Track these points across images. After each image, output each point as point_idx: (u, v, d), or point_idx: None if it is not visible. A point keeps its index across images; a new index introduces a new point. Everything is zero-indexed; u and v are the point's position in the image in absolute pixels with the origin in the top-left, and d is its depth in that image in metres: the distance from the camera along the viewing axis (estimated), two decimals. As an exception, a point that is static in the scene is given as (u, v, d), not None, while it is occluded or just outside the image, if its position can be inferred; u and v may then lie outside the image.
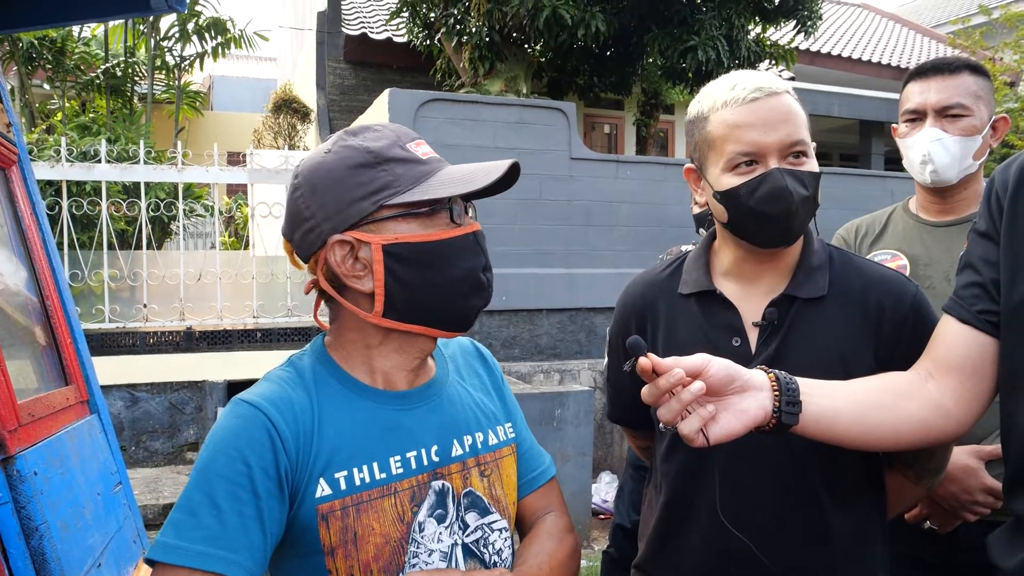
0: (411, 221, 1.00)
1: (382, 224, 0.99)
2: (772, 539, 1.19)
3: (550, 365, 5.56)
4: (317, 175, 1.00)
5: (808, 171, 1.19)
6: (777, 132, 1.17)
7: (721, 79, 1.25)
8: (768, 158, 1.18)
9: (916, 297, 1.24)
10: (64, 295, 1.51)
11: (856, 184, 7.35)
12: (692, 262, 1.35)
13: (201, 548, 0.89)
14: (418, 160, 1.02)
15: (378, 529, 0.99)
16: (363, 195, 0.98)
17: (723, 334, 1.26)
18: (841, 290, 1.24)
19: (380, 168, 0.99)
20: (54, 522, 1.14)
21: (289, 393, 1.00)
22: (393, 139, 1.02)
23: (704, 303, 1.29)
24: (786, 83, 1.22)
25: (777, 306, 1.23)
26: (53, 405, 1.32)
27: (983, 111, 1.72)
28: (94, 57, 9.08)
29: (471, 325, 1.08)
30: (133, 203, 5.32)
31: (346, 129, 1.05)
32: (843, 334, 1.22)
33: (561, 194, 6.16)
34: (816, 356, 1.21)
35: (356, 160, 0.99)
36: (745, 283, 1.28)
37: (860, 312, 1.23)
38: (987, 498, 1.55)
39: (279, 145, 10.08)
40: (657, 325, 1.33)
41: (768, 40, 8.22)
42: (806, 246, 1.28)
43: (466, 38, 7.25)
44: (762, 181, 1.18)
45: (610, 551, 3.06)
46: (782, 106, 1.18)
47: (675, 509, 1.29)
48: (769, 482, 1.21)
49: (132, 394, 4.93)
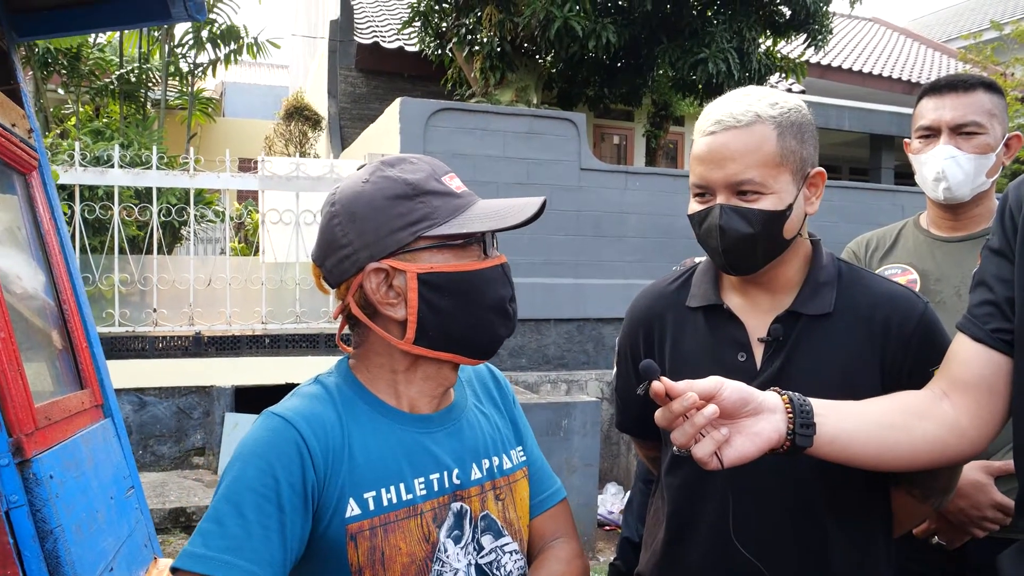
0: (445, 252, 1.03)
1: (417, 254, 1.02)
2: (773, 558, 1.19)
3: (557, 375, 5.56)
4: (356, 204, 1.03)
5: (756, 209, 1.17)
6: (722, 170, 1.17)
7: (718, 99, 1.25)
8: (717, 193, 1.20)
9: (924, 315, 1.23)
10: (81, 299, 1.52)
11: (866, 198, 7.34)
12: (701, 275, 1.36)
13: (226, 557, 0.91)
14: (453, 194, 1.05)
15: (405, 549, 1.01)
16: (402, 225, 1.01)
17: (729, 349, 1.26)
18: (848, 306, 1.24)
19: (418, 200, 1.02)
20: (68, 525, 1.15)
21: (320, 410, 1.03)
22: (429, 172, 1.05)
23: (711, 317, 1.29)
24: (771, 109, 1.18)
25: (783, 322, 1.24)
26: (69, 409, 1.33)
27: (997, 129, 1.72)
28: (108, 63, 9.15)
29: (495, 352, 1.11)
30: (145, 208, 5.35)
31: (382, 159, 1.08)
32: (848, 351, 1.21)
33: (570, 204, 6.17)
34: (821, 373, 1.21)
35: (395, 191, 1.02)
36: (751, 298, 1.28)
37: (866, 329, 1.22)
38: (996, 514, 1.54)
39: (290, 152, 10.14)
40: (664, 337, 1.34)
41: (779, 53, 8.23)
42: (814, 262, 1.28)
43: (477, 48, 7.29)
44: (706, 215, 1.21)
45: (617, 564, 3.05)
46: (733, 142, 1.16)
47: (679, 521, 1.29)
48: (771, 502, 1.20)
49: (140, 398, 4.96)
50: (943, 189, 1.74)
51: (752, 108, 1.17)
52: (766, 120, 1.17)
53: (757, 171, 1.16)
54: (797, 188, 1.20)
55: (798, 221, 1.22)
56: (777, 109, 1.18)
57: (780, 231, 1.19)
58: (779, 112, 1.18)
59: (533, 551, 1.19)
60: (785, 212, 1.18)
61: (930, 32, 18.49)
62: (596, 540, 4.45)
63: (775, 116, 1.17)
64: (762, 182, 1.16)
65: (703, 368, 1.26)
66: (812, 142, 1.23)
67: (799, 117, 1.20)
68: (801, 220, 1.23)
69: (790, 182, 1.18)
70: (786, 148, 1.17)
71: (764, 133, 1.16)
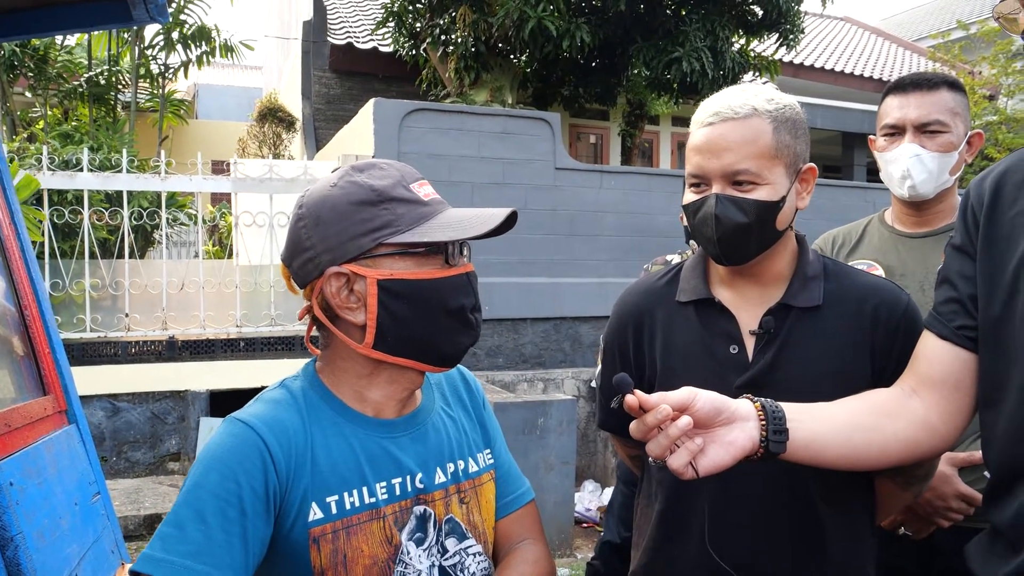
0: (407, 259, 1.03)
1: (379, 260, 1.02)
2: (768, 548, 1.21)
3: (534, 374, 5.57)
4: (321, 208, 1.03)
5: (751, 199, 1.20)
6: (719, 160, 1.20)
7: (716, 94, 1.28)
8: (713, 183, 1.22)
9: (908, 305, 1.27)
10: (43, 305, 1.50)
11: (838, 195, 7.44)
12: (689, 270, 1.37)
13: (186, 562, 0.91)
14: (420, 201, 1.05)
15: (367, 551, 1.02)
16: (364, 231, 1.01)
17: (721, 342, 1.27)
18: (836, 299, 1.27)
19: (382, 207, 1.02)
20: (30, 532, 1.13)
21: (283, 415, 1.03)
22: (397, 179, 1.05)
23: (702, 311, 1.31)
24: (768, 104, 1.22)
25: (774, 315, 1.25)
26: (31, 415, 1.31)
27: (960, 127, 1.75)
28: (77, 65, 9.02)
29: (459, 361, 1.12)
30: (116, 212, 5.29)
31: (353, 165, 1.08)
32: (839, 342, 1.24)
33: (546, 204, 6.18)
34: (813, 364, 1.23)
35: (360, 197, 1.02)
36: (741, 292, 1.30)
37: (855, 320, 1.25)
38: (961, 504, 1.57)
39: (264, 154, 10.05)
40: (655, 333, 1.35)
41: (752, 52, 8.31)
42: (801, 256, 1.31)
43: (452, 48, 7.29)
44: (702, 204, 1.23)
45: (595, 564, 3.06)
46: (731, 133, 1.20)
47: (670, 518, 1.30)
48: (763, 493, 1.22)
49: (114, 404, 4.89)
50: (908, 187, 1.77)
51: (749, 102, 1.21)
52: (763, 114, 1.20)
53: (753, 162, 1.19)
54: (790, 181, 1.23)
55: (790, 214, 1.25)
56: (773, 104, 1.22)
57: (773, 222, 1.22)
58: (775, 107, 1.22)
59: (500, 553, 1.20)
60: (779, 203, 1.21)
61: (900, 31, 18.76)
62: (573, 537, 4.46)
63: (771, 111, 1.21)
64: (757, 173, 1.19)
65: (695, 362, 1.28)
66: (805, 139, 1.27)
67: (793, 114, 1.24)
68: (793, 213, 1.26)
69: (784, 175, 1.22)
70: (781, 142, 1.21)
71: (760, 126, 1.20)
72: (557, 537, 4.27)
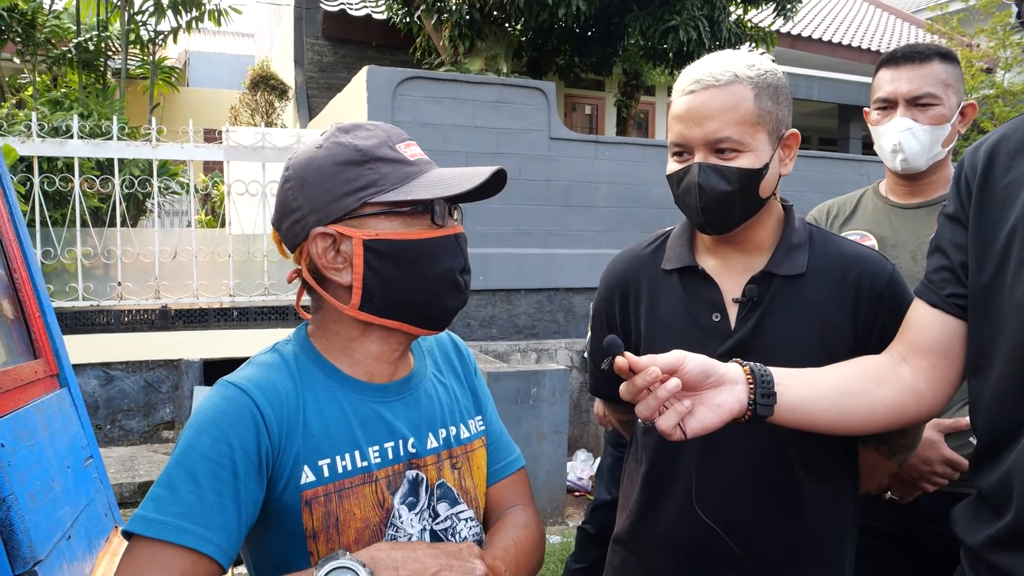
0: (393, 219, 1.03)
1: (365, 220, 1.02)
2: (746, 511, 1.23)
3: (527, 344, 5.59)
4: (307, 169, 1.03)
5: (734, 167, 1.20)
6: (701, 128, 1.20)
7: (697, 61, 1.27)
8: (695, 151, 1.22)
9: (893, 275, 1.27)
10: (33, 269, 1.49)
11: (833, 168, 7.42)
12: (676, 238, 1.38)
13: (179, 523, 0.91)
14: (405, 161, 1.05)
15: (359, 514, 1.03)
16: (348, 191, 1.01)
17: (704, 309, 1.28)
18: (820, 268, 1.27)
19: (367, 166, 1.02)
20: (22, 494, 1.14)
21: (275, 378, 1.03)
22: (383, 139, 1.05)
23: (686, 279, 1.32)
24: (749, 70, 1.21)
25: (757, 283, 1.26)
26: (21, 378, 1.31)
27: (952, 99, 1.75)
28: (66, 31, 8.87)
29: (447, 324, 1.12)
30: (107, 180, 5.24)
31: (339, 126, 1.07)
32: (822, 310, 1.24)
33: (540, 174, 6.15)
34: (795, 332, 1.24)
35: (344, 157, 1.02)
36: (726, 260, 1.31)
37: (839, 289, 1.25)
38: (946, 469, 1.59)
39: (256, 122, 9.96)
40: (640, 300, 1.35)
41: (749, 22, 8.23)
42: (787, 225, 1.31)
43: (446, 16, 7.18)
44: (684, 174, 1.23)
45: (586, 527, 3.11)
46: (712, 101, 1.19)
47: (654, 480, 1.32)
48: (745, 457, 1.23)
49: (107, 373, 4.90)
50: (900, 160, 1.78)
51: (730, 68, 1.20)
52: (744, 80, 1.20)
53: (735, 129, 1.19)
54: (773, 148, 1.23)
55: (773, 180, 1.25)
56: (754, 71, 1.21)
57: (756, 189, 1.22)
58: (756, 73, 1.21)
59: (490, 519, 1.21)
60: (761, 171, 1.21)
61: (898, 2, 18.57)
62: (566, 506, 4.51)
63: (752, 77, 1.20)
64: (740, 140, 1.19)
65: (678, 329, 1.28)
66: (787, 104, 1.26)
67: (775, 79, 1.23)
68: (776, 180, 1.26)
69: (766, 141, 1.22)
70: (763, 108, 1.20)
71: (742, 92, 1.19)
72: (549, 506, 4.31)
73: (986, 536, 1.03)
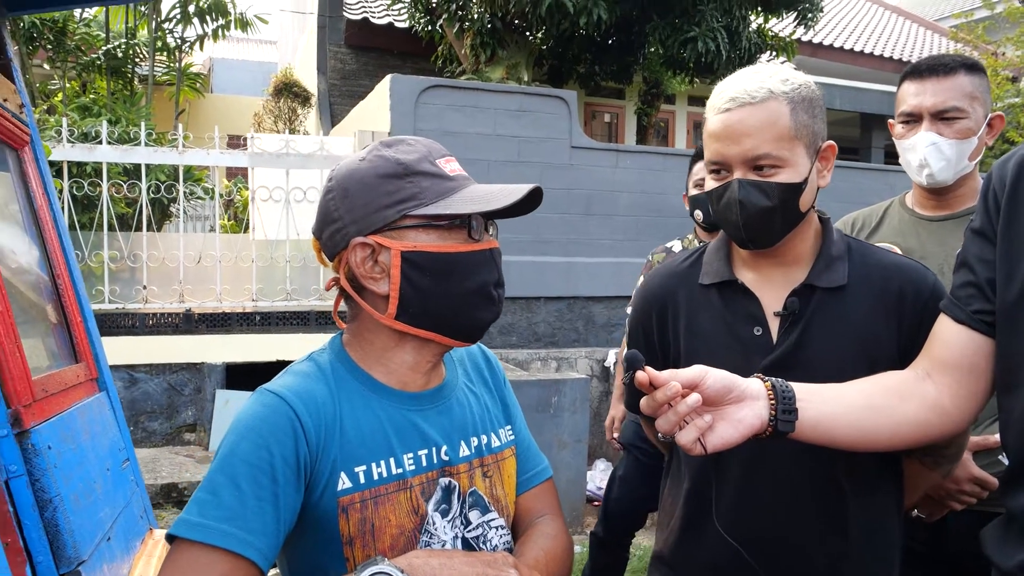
0: (431, 232, 1.05)
1: (403, 232, 1.04)
2: (789, 526, 1.22)
3: (547, 353, 5.59)
4: (350, 180, 1.07)
5: (774, 182, 1.20)
6: (739, 145, 1.20)
7: (729, 77, 1.27)
8: (734, 169, 1.22)
9: (935, 285, 1.26)
10: (75, 274, 1.53)
11: (856, 177, 7.37)
12: (712, 252, 1.37)
13: (222, 527, 0.93)
14: (445, 176, 1.07)
15: (394, 520, 1.05)
16: (389, 203, 1.04)
17: (744, 323, 1.27)
18: (861, 279, 1.26)
19: (408, 180, 1.05)
20: (67, 495, 1.17)
21: (312, 387, 1.05)
22: (424, 154, 1.08)
23: (725, 293, 1.31)
24: (784, 85, 1.21)
25: (798, 295, 1.25)
26: (65, 382, 1.34)
27: (978, 111, 1.73)
28: (95, 38, 9.02)
29: (480, 337, 1.14)
30: (134, 185, 5.32)
31: (383, 140, 1.11)
32: (865, 322, 1.24)
33: (561, 183, 6.17)
34: (838, 344, 1.23)
35: (386, 170, 1.05)
36: (764, 273, 1.30)
37: (881, 300, 1.24)
38: (974, 488, 1.57)
39: (279, 129, 10.06)
40: (678, 315, 1.35)
41: (769, 32, 8.21)
42: (825, 236, 1.30)
43: (468, 24, 7.23)
44: (724, 190, 1.23)
45: (596, 531, 3.11)
46: (749, 118, 1.19)
47: (698, 497, 1.30)
48: (788, 471, 1.22)
49: (131, 375, 4.96)
50: (926, 175, 1.76)
51: (765, 84, 1.20)
52: (779, 96, 1.20)
53: (773, 145, 1.19)
54: (811, 161, 1.23)
55: (812, 193, 1.25)
56: (789, 85, 1.21)
57: (797, 203, 1.22)
58: (791, 88, 1.21)
59: (519, 528, 1.22)
60: (801, 185, 1.21)
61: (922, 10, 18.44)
62: (585, 515, 4.51)
63: (787, 92, 1.20)
64: (778, 156, 1.19)
65: (719, 344, 1.28)
66: (822, 117, 1.26)
67: (810, 92, 1.23)
68: (815, 192, 1.26)
69: (804, 155, 1.22)
70: (799, 122, 1.20)
71: (778, 109, 1.19)
72: (569, 515, 4.31)
73: (1019, 559, 1.01)
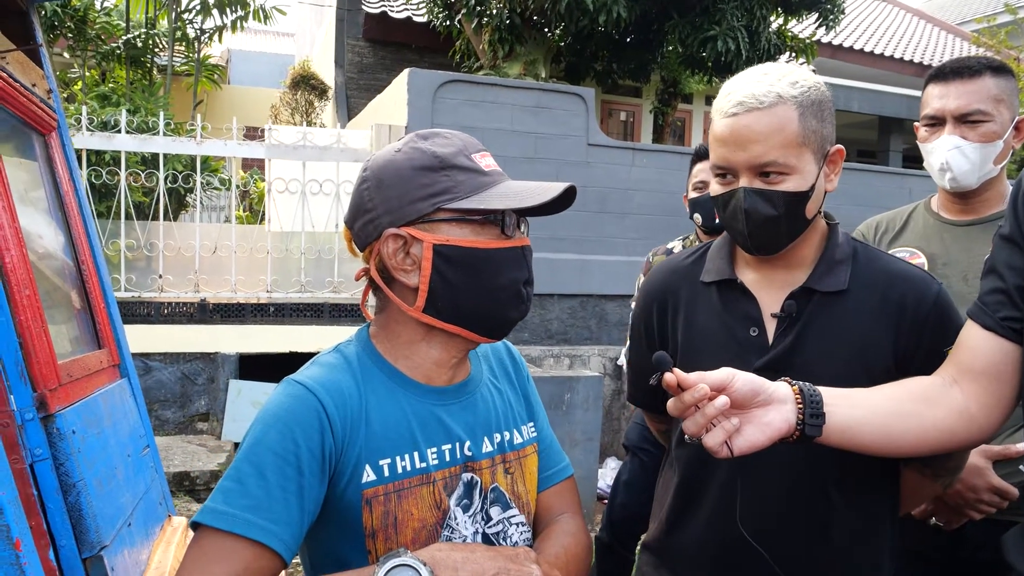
0: (464, 227, 1.05)
1: (436, 225, 1.04)
2: (774, 532, 1.21)
3: (560, 350, 5.59)
4: (385, 172, 1.06)
5: (780, 191, 1.18)
6: (746, 152, 1.17)
7: (736, 77, 1.24)
8: (740, 175, 1.20)
9: (939, 295, 1.25)
10: (98, 260, 1.54)
11: (873, 181, 7.31)
12: (716, 251, 1.37)
13: (247, 516, 0.94)
14: (480, 171, 1.07)
15: (416, 514, 1.05)
16: (423, 196, 1.04)
17: (741, 323, 1.27)
18: (863, 285, 1.25)
19: (443, 173, 1.04)
20: (90, 480, 1.18)
21: (339, 378, 1.05)
22: (460, 148, 1.07)
23: (724, 292, 1.31)
24: (792, 88, 1.18)
25: (796, 298, 1.25)
26: (89, 367, 1.35)
27: (1004, 114, 1.71)
28: (115, 28, 9.08)
29: (506, 334, 1.13)
30: (151, 174, 5.35)
31: (418, 132, 1.10)
32: (863, 328, 1.22)
33: (577, 179, 6.11)
34: (834, 349, 1.22)
35: (422, 163, 1.05)
36: (766, 274, 1.30)
37: (881, 307, 1.23)
38: (993, 497, 1.56)
39: (296, 121, 10.09)
40: (678, 311, 1.35)
41: (789, 33, 8.16)
42: (830, 240, 1.29)
43: (486, 19, 7.22)
44: (730, 197, 1.22)
45: (601, 536, 3.11)
46: (756, 124, 1.16)
47: (687, 491, 1.32)
48: (779, 477, 1.22)
49: (146, 363, 4.99)
50: (949, 179, 1.75)
51: (774, 88, 1.17)
52: (788, 100, 1.17)
53: (780, 152, 1.16)
54: (818, 167, 1.21)
55: (819, 199, 1.23)
56: (798, 88, 1.18)
57: (803, 211, 1.21)
58: (800, 92, 1.18)
59: (539, 525, 1.23)
60: (808, 192, 1.19)
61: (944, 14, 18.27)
62: (596, 513, 4.51)
63: (796, 96, 1.17)
64: (785, 163, 1.17)
65: (715, 342, 1.28)
66: (831, 120, 1.23)
67: (819, 95, 1.20)
68: (822, 198, 1.24)
69: (812, 161, 1.19)
70: (807, 128, 1.18)
71: (787, 114, 1.16)
72: (578, 511, 4.30)
73: None
